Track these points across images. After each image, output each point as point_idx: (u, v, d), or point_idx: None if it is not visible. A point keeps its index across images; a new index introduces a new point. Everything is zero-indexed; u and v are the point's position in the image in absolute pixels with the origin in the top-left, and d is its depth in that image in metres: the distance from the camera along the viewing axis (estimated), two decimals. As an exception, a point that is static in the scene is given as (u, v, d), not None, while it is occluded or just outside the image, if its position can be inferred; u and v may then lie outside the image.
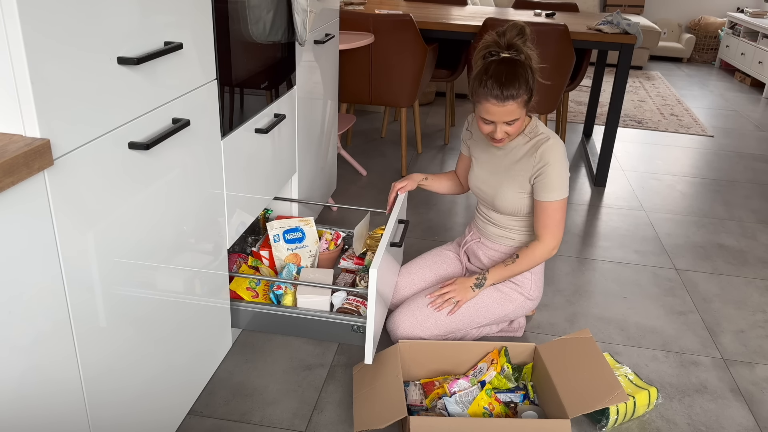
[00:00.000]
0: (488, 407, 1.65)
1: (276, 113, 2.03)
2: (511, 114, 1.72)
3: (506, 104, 1.70)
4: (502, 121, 1.74)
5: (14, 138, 0.96)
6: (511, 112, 1.72)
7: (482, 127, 1.80)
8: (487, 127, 1.78)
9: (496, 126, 1.76)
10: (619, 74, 3.15)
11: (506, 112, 1.72)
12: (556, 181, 1.80)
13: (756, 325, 2.21)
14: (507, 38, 1.74)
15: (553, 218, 1.83)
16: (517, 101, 1.71)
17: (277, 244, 2.14)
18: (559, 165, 1.80)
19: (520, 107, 1.73)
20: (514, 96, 1.69)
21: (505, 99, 1.69)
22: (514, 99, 1.70)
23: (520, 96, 1.70)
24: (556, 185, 1.80)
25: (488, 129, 1.79)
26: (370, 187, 3.20)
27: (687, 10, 7.27)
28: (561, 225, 1.84)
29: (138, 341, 1.34)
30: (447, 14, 3.62)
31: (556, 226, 1.83)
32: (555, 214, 1.83)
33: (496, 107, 1.71)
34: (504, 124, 1.76)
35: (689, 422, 1.74)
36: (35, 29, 0.94)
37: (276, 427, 1.65)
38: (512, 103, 1.70)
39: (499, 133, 1.77)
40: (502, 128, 1.76)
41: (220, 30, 1.56)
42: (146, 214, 1.30)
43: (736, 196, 3.35)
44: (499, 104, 1.70)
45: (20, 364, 1.00)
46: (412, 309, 1.90)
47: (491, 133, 1.79)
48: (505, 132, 1.77)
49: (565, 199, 1.82)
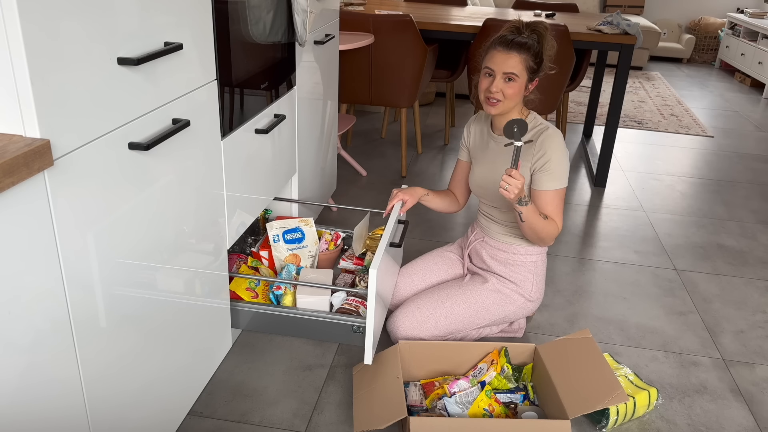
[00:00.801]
0: (488, 408, 1.65)
1: (276, 114, 2.03)
2: (513, 67, 1.75)
3: (511, 53, 1.74)
4: (502, 72, 1.75)
5: (14, 138, 0.96)
6: (513, 65, 1.74)
7: (482, 83, 1.81)
8: (486, 80, 1.79)
9: (495, 78, 1.77)
10: (619, 75, 3.15)
11: (510, 62, 1.74)
12: (557, 170, 1.81)
13: (756, 326, 2.21)
14: (527, 24, 1.79)
15: (555, 206, 1.84)
16: (522, 56, 1.74)
17: (277, 245, 2.14)
18: (560, 153, 1.81)
19: (523, 66, 1.75)
20: (520, 50, 1.74)
21: (510, 47, 1.74)
22: (519, 52, 1.74)
23: (525, 53, 1.74)
24: (557, 174, 1.81)
25: (487, 83, 1.79)
26: (370, 188, 3.20)
27: (687, 10, 7.27)
28: (561, 212, 1.86)
29: (138, 341, 1.34)
30: (447, 15, 3.62)
31: (558, 213, 1.85)
32: (560, 203, 1.84)
33: (500, 54, 1.75)
34: (502, 81, 1.76)
35: (689, 422, 1.74)
36: (35, 29, 0.94)
37: (276, 427, 1.65)
38: (516, 56, 1.74)
39: (496, 85, 1.76)
40: (499, 82, 1.76)
41: (220, 30, 1.56)
42: (146, 215, 1.30)
43: (736, 197, 3.35)
44: (504, 51, 1.74)
45: (20, 364, 1.00)
46: (412, 310, 1.90)
47: (488, 89, 1.78)
48: (500, 91, 1.77)
49: (564, 189, 1.84)
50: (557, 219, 1.85)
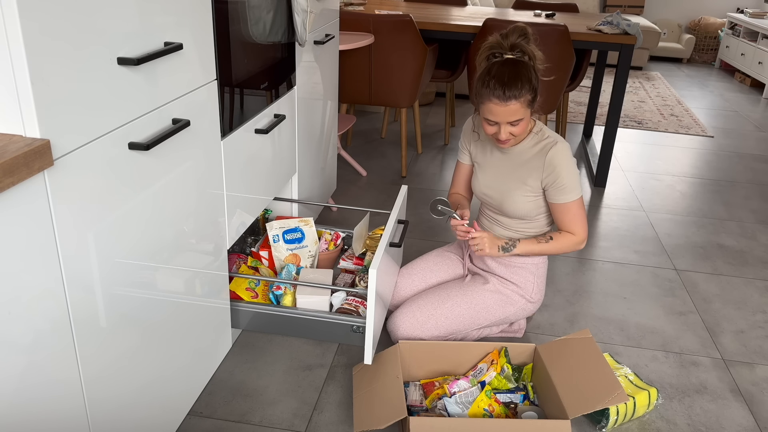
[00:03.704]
0: (488, 408, 1.65)
1: (276, 114, 2.03)
2: (515, 114, 1.71)
3: (509, 104, 1.69)
4: (506, 122, 1.73)
5: (14, 138, 0.96)
6: (514, 112, 1.71)
7: (486, 129, 1.79)
8: (491, 128, 1.77)
9: (500, 127, 1.75)
10: (619, 74, 3.15)
11: (509, 112, 1.71)
12: (570, 183, 1.82)
13: (756, 326, 2.21)
14: (510, 40, 1.74)
15: (576, 215, 1.86)
16: (520, 101, 1.70)
17: (277, 245, 2.14)
18: (570, 167, 1.81)
19: (524, 107, 1.72)
20: (517, 96, 1.69)
21: (507, 99, 1.68)
22: (517, 99, 1.69)
23: (523, 96, 1.69)
24: (570, 187, 1.82)
25: (492, 130, 1.77)
26: (370, 188, 3.20)
27: (687, 10, 7.27)
28: (585, 219, 1.88)
29: (138, 341, 1.34)
30: (447, 14, 3.62)
31: (581, 220, 1.87)
32: (578, 211, 1.86)
33: (498, 107, 1.70)
34: (508, 125, 1.74)
35: (689, 422, 1.74)
36: (35, 29, 0.94)
37: (276, 427, 1.65)
38: (515, 103, 1.69)
39: (503, 133, 1.75)
40: (506, 129, 1.75)
41: (220, 30, 1.56)
42: (146, 215, 1.30)
43: (736, 197, 3.35)
44: (501, 104, 1.69)
45: (20, 364, 1.00)
46: (412, 310, 1.90)
47: (495, 134, 1.78)
48: (509, 133, 1.76)
49: (581, 197, 1.86)
50: (578, 227, 1.87)
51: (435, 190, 3.21)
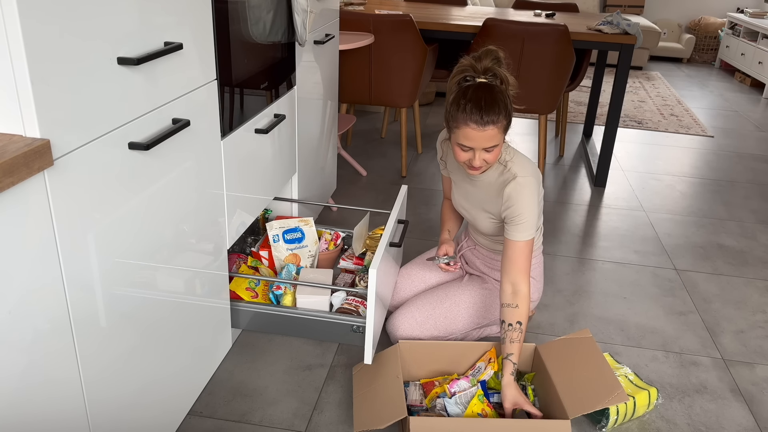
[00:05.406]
0: (482, 413, 1.65)
1: (276, 113, 2.03)
2: (491, 140, 1.64)
3: (486, 129, 1.62)
4: (482, 148, 1.65)
5: (14, 138, 0.96)
6: (491, 137, 1.63)
7: (459, 155, 1.70)
8: (465, 154, 1.69)
9: (475, 153, 1.67)
10: (619, 74, 3.15)
11: (486, 137, 1.63)
12: (525, 222, 1.71)
13: (756, 326, 2.21)
14: (483, 63, 1.67)
15: (520, 257, 1.73)
16: (497, 126, 1.63)
17: (277, 245, 2.14)
18: (524, 205, 1.71)
19: (500, 132, 1.65)
20: (494, 120, 1.62)
21: (485, 124, 1.61)
22: (494, 124, 1.62)
23: (500, 121, 1.63)
24: (525, 225, 1.72)
25: (466, 156, 1.69)
26: (370, 188, 3.20)
27: (687, 10, 7.27)
28: (528, 266, 1.74)
29: (138, 341, 1.34)
30: (447, 14, 3.62)
31: (524, 265, 1.73)
32: (521, 253, 1.73)
33: (476, 132, 1.62)
34: (483, 151, 1.67)
35: (689, 422, 1.74)
36: (35, 29, 0.94)
37: (276, 427, 1.65)
38: (492, 128, 1.62)
39: (478, 160, 1.67)
40: (480, 155, 1.67)
41: (220, 30, 1.56)
42: (146, 215, 1.30)
43: (736, 197, 3.35)
44: (479, 129, 1.62)
45: (20, 364, 1.00)
46: (411, 310, 1.90)
47: (469, 161, 1.70)
48: (483, 159, 1.68)
49: (532, 239, 1.73)
50: (519, 274, 1.72)
51: (435, 190, 3.21)
